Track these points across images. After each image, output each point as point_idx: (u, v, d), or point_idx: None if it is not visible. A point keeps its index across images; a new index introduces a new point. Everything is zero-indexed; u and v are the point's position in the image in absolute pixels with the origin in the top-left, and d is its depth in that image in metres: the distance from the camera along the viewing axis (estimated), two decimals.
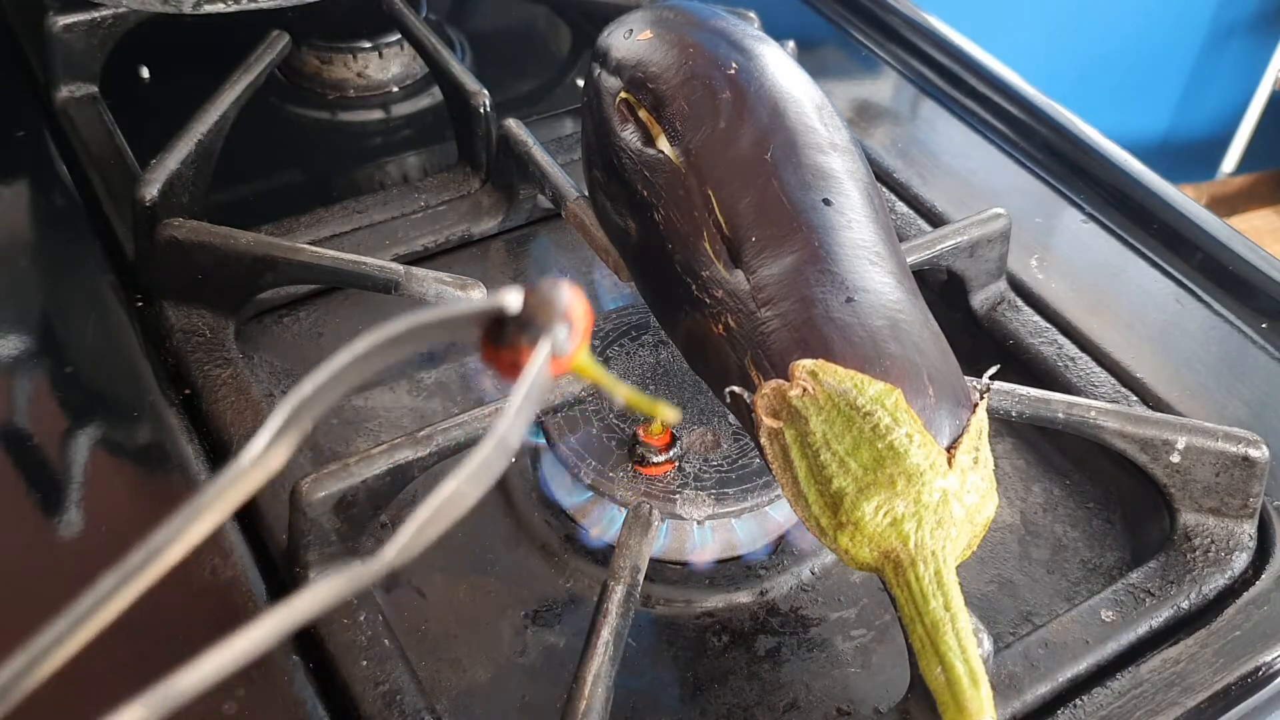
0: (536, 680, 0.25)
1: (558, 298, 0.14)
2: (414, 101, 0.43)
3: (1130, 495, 0.29)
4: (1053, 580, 0.28)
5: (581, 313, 0.14)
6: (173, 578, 0.24)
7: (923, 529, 0.20)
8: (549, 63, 0.46)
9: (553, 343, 0.13)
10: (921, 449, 0.20)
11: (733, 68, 0.27)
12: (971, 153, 0.40)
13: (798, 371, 0.21)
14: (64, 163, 0.37)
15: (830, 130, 0.26)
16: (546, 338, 0.13)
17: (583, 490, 0.27)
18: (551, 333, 0.13)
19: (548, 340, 0.13)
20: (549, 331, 0.13)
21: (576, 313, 0.14)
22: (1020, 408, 0.26)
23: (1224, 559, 0.26)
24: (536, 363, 0.13)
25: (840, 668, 0.25)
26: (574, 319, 0.14)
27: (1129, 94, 1.04)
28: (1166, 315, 0.34)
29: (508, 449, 0.13)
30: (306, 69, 0.43)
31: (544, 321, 0.13)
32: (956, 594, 0.20)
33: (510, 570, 0.27)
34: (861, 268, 0.23)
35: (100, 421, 0.29)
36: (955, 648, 0.20)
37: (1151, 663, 0.24)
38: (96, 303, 0.32)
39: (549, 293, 0.14)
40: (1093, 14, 0.96)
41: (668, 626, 0.26)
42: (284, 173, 0.40)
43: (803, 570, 0.27)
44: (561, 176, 0.33)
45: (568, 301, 0.14)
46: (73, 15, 0.38)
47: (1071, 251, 0.36)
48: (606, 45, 0.30)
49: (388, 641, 0.23)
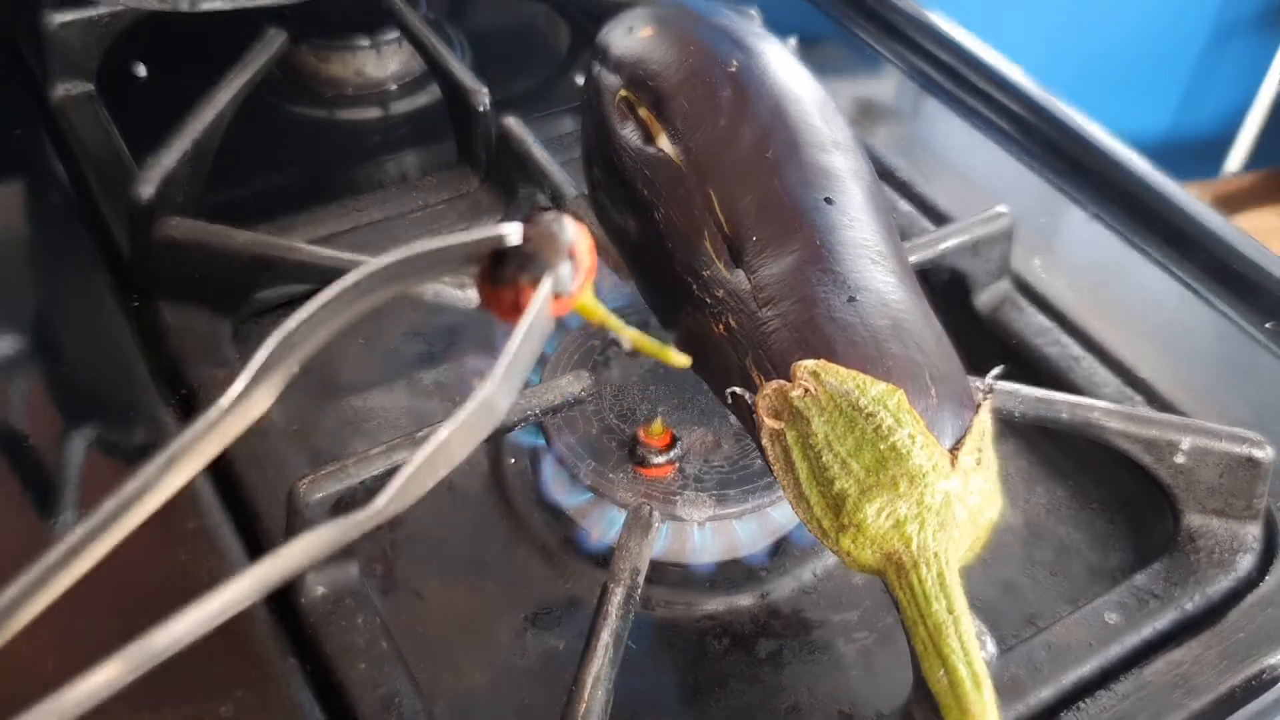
0: (536, 683, 0.24)
1: (560, 232, 0.13)
2: (412, 99, 0.43)
3: (1134, 497, 0.29)
4: (1056, 582, 0.27)
5: (586, 249, 0.13)
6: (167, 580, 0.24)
7: (925, 531, 0.20)
8: (548, 60, 0.46)
9: (555, 280, 0.12)
10: (924, 450, 0.20)
11: (734, 65, 0.26)
12: (974, 151, 0.39)
13: (799, 372, 0.21)
14: (60, 161, 0.37)
15: (832, 128, 0.26)
16: (549, 274, 0.12)
17: (582, 491, 0.27)
18: (554, 269, 0.12)
19: (550, 277, 0.12)
20: (551, 268, 0.12)
21: (581, 248, 0.13)
22: (1023, 408, 0.26)
23: (1228, 561, 0.26)
24: (538, 301, 0.12)
25: (842, 671, 0.25)
26: (578, 255, 0.13)
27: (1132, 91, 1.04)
28: (1171, 315, 0.33)
29: (508, 392, 0.12)
30: (304, 67, 0.42)
31: (546, 258, 0.12)
32: (959, 596, 0.20)
33: (509, 572, 0.27)
34: (863, 267, 0.23)
35: (96, 422, 0.28)
36: (958, 650, 0.19)
37: (1156, 665, 0.24)
38: (92, 302, 0.32)
39: (551, 226, 0.13)
40: (1096, 11, 0.96)
41: (668, 629, 0.26)
42: (281, 171, 0.40)
43: (804, 572, 0.27)
44: (561, 175, 0.32)
45: (571, 236, 0.13)
46: (69, 13, 0.38)
47: (1075, 250, 0.35)
48: (606, 42, 0.30)
49: (386, 644, 0.23)
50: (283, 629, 0.23)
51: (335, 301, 0.12)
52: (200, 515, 0.25)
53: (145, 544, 0.25)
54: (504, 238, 0.12)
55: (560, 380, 0.26)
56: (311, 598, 0.23)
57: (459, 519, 0.28)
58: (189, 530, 0.25)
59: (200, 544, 0.25)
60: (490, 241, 0.12)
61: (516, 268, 0.13)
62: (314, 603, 0.23)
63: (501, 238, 0.12)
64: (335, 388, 0.31)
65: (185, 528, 0.25)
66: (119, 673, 0.10)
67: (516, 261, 0.13)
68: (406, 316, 0.33)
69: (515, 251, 0.13)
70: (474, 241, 0.12)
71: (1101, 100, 1.07)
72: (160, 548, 0.24)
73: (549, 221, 0.13)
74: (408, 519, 0.28)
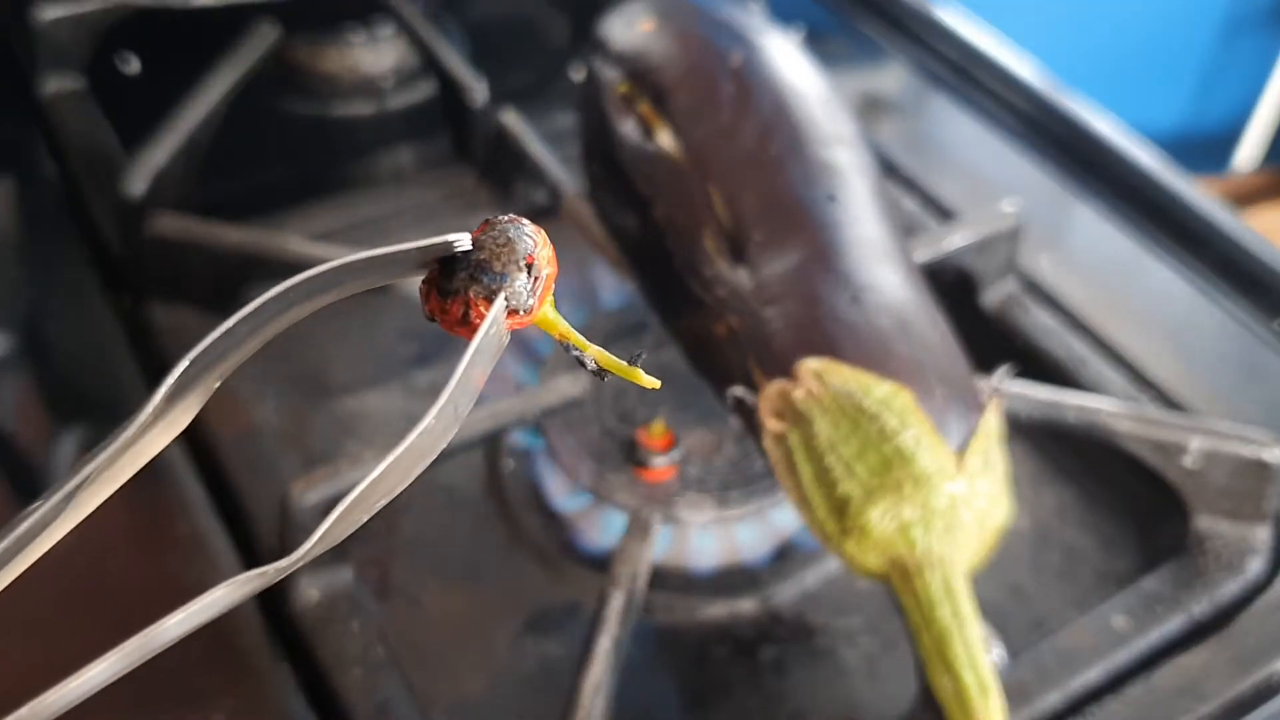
0: (533, 691, 0.24)
1: (518, 239, 0.11)
2: (408, 94, 0.42)
3: (1143, 499, 0.28)
4: (1064, 586, 0.27)
5: (546, 257, 0.11)
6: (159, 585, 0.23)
7: (931, 534, 0.20)
8: (547, 54, 0.46)
9: (510, 293, 0.11)
10: (930, 452, 0.20)
11: (736, 59, 0.26)
12: (981, 146, 0.39)
13: (802, 372, 0.21)
14: (50, 157, 0.36)
15: (836, 124, 0.25)
16: (503, 287, 0.11)
17: (581, 494, 0.26)
18: (510, 280, 0.11)
19: (503, 290, 0.11)
20: (506, 280, 0.11)
21: (540, 257, 0.11)
22: (1030, 409, 0.26)
23: (1238, 564, 0.26)
24: (490, 317, 0.11)
25: (846, 677, 0.25)
26: (536, 264, 0.11)
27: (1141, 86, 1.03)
28: (1180, 313, 0.33)
29: (452, 420, 0.11)
30: (298, 61, 0.42)
31: (500, 267, 0.11)
32: (965, 601, 0.20)
33: (507, 577, 0.26)
34: (868, 265, 0.22)
35: (85, 423, 0.28)
36: (964, 657, 0.19)
37: (1164, 670, 0.24)
38: (82, 301, 0.31)
39: (507, 232, 0.11)
40: (1105, 5, 0.95)
41: (669, 635, 0.25)
42: (274, 168, 0.39)
43: (807, 577, 0.27)
44: (559, 172, 0.32)
45: (529, 244, 0.11)
46: (59, 7, 0.38)
47: (1083, 248, 0.35)
48: (605, 36, 0.29)
49: (380, 650, 0.23)
50: (275, 635, 0.23)
51: (256, 314, 0.11)
52: (191, 520, 0.25)
53: (136, 549, 0.25)
54: (452, 245, 0.11)
55: (558, 381, 0.26)
56: (305, 603, 0.23)
57: (456, 523, 0.28)
58: (180, 535, 0.25)
59: (192, 549, 0.25)
60: (437, 249, 0.11)
61: (467, 278, 0.11)
62: (307, 608, 0.23)
63: (449, 244, 0.11)
64: (328, 389, 0.31)
65: (176, 533, 0.25)
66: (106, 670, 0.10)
67: (467, 271, 0.11)
68: (400, 318, 0.33)
69: (465, 260, 0.11)
70: (417, 249, 0.11)
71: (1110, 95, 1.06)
72: (152, 553, 0.24)
73: (504, 227, 0.11)
74: (403, 523, 0.27)
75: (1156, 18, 1.00)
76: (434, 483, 0.28)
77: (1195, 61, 1.05)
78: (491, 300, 0.11)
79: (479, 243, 0.11)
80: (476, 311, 0.11)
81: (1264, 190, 1.11)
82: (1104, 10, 0.96)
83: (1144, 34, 1.00)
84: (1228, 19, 1.03)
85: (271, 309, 0.11)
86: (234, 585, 0.11)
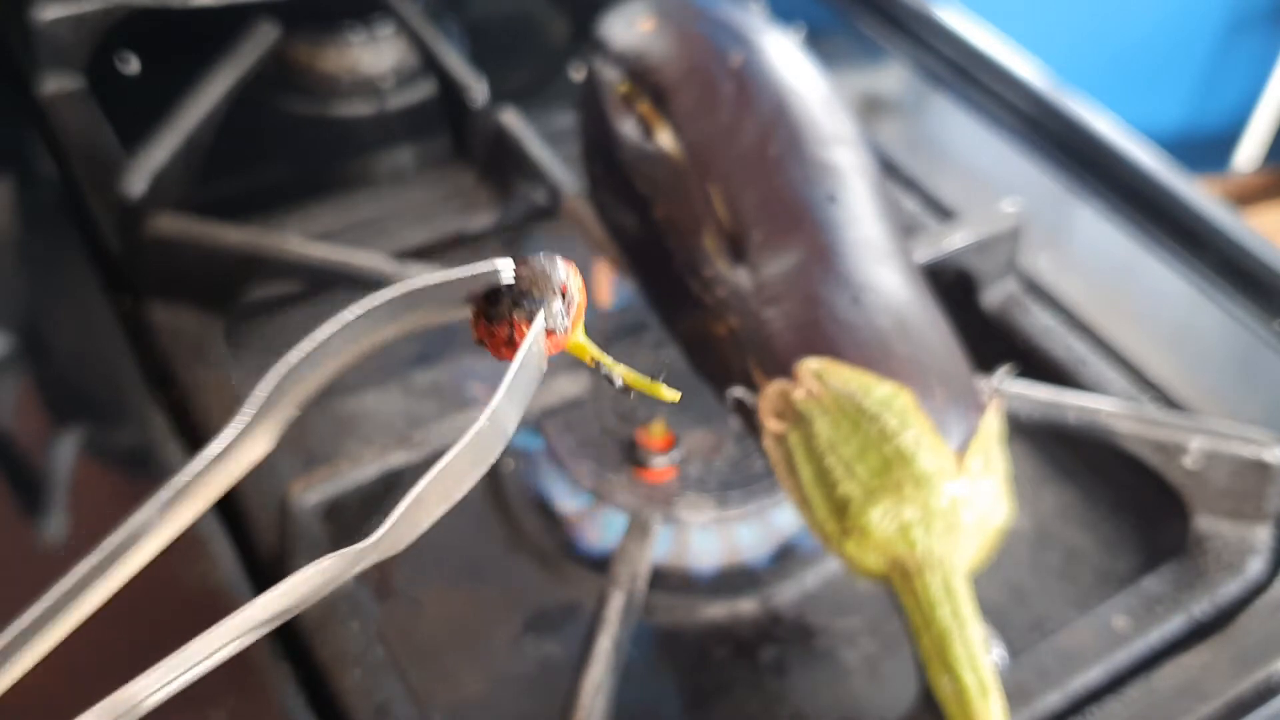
0: (534, 691, 0.24)
1: (553, 270, 0.13)
2: (407, 94, 0.42)
3: (1143, 499, 0.28)
4: (1064, 587, 0.27)
5: (577, 287, 0.14)
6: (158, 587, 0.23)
7: (931, 535, 0.20)
8: (547, 53, 0.46)
9: (548, 315, 0.13)
10: (930, 452, 0.20)
11: (736, 59, 0.26)
12: (981, 146, 0.39)
13: (803, 373, 0.21)
14: (50, 157, 0.36)
15: (836, 124, 0.25)
16: (541, 312, 0.13)
17: (581, 495, 0.26)
18: (547, 305, 0.13)
19: (542, 315, 0.13)
20: (544, 304, 0.13)
21: (572, 286, 0.13)
22: (1030, 409, 0.26)
23: (1238, 564, 0.26)
24: (532, 335, 0.13)
25: (846, 678, 0.25)
26: (569, 292, 0.13)
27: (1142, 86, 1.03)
28: (1181, 314, 0.33)
29: (500, 432, 0.12)
30: (297, 61, 0.42)
31: (539, 294, 0.13)
32: (966, 602, 0.20)
33: (506, 578, 0.26)
34: (868, 266, 0.22)
35: (85, 423, 0.28)
36: (964, 657, 0.19)
37: (1165, 671, 0.24)
38: (81, 301, 0.31)
39: (544, 264, 0.13)
40: (1106, 5, 0.95)
41: (669, 635, 0.25)
42: (274, 167, 0.39)
43: (808, 577, 0.27)
44: (559, 171, 0.32)
45: (563, 275, 0.13)
46: (59, 7, 0.38)
47: (1084, 248, 0.35)
48: (606, 35, 0.29)
49: (380, 651, 0.23)
50: (276, 635, 0.23)
51: (336, 337, 0.13)
52: None
53: None
54: (499, 273, 0.13)
55: (558, 382, 0.26)
56: None
57: (456, 524, 0.27)
58: (180, 536, 0.25)
59: (192, 549, 0.24)
60: (486, 277, 0.13)
61: (510, 304, 0.13)
62: (307, 609, 0.23)
63: (497, 273, 0.13)
64: (328, 389, 0.31)
65: None
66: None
67: (510, 298, 0.13)
68: None
69: (509, 289, 0.13)
70: (471, 277, 0.13)
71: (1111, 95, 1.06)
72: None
73: (540, 260, 0.14)
74: None
75: (1157, 18, 1.00)
76: None
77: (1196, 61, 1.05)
78: (532, 322, 0.13)
79: (519, 274, 0.13)
80: (519, 333, 0.13)
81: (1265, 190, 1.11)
82: (1105, 10, 0.96)
83: (1145, 34, 1.00)
84: (1228, 19, 1.03)
85: (347, 333, 0.13)
86: (333, 560, 0.12)
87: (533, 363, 0.13)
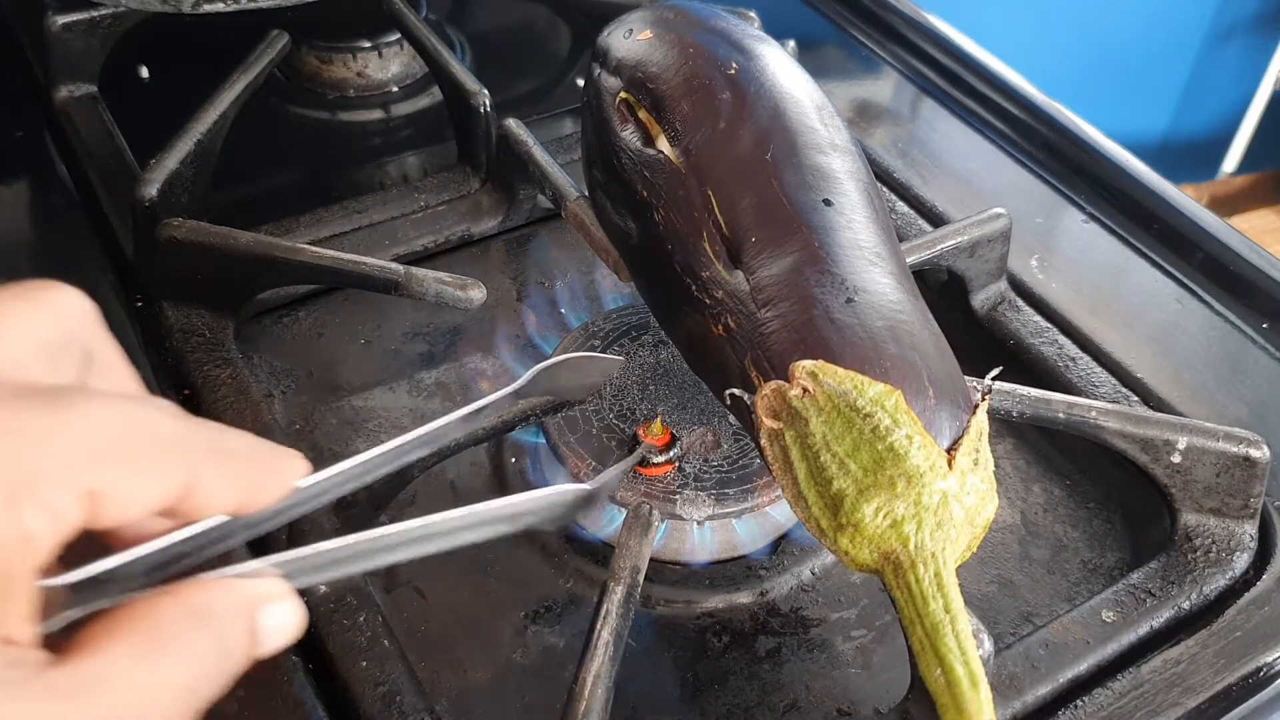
0: (536, 681, 0.25)
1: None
2: (414, 101, 0.43)
3: (1131, 496, 0.29)
4: (1053, 581, 0.28)
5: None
6: None
7: (923, 531, 0.20)
8: (549, 62, 0.46)
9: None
10: (921, 450, 0.20)
11: (733, 68, 0.27)
12: (972, 152, 0.40)
13: (798, 372, 0.21)
14: (63, 162, 0.37)
15: (830, 130, 0.26)
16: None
17: None
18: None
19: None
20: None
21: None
22: (1021, 408, 0.26)
23: (1225, 559, 0.26)
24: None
25: (840, 668, 0.25)
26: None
27: (1129, 94, 1.04)
28: (1167, 315, 0.34)
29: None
30: (306, 69, 0.43)
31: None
32: (956, 595, 0.20)
33: (510, 571, 0.27)
34: (861, 268, 0.23)
35: None
36: (955, 649, 0.20)
37: (1152, 663, 0.24)
38: (95, 303, 0.32)
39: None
40: (1093, 13, 0.96)
41: (668, 627, 0.26)
42: (284, 172, 0.40)
43: (803, 571, 0.27)
44: (561, 176, 0.33)
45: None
46: (72, 14, 0.38)
47: (1072, 251, 0.36)
48: (606, 45, 0.30)
49: (387, 642, 0.23)
50: None
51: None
52: None
53: None
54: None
55: None
56: (313, 595, 0.23)
57: None
58: None
59: None
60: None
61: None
62: (316, 601, 0.23)
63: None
64: (337, 387, 0.31)
65: None
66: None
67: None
68: (408, 317, 0.33)
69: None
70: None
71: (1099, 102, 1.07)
72: None
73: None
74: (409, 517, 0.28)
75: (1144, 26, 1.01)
76: (439, 478, 0.29)
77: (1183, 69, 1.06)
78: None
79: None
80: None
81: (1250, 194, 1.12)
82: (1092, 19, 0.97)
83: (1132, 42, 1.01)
84: (1214, 27, 1.04)
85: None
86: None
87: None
